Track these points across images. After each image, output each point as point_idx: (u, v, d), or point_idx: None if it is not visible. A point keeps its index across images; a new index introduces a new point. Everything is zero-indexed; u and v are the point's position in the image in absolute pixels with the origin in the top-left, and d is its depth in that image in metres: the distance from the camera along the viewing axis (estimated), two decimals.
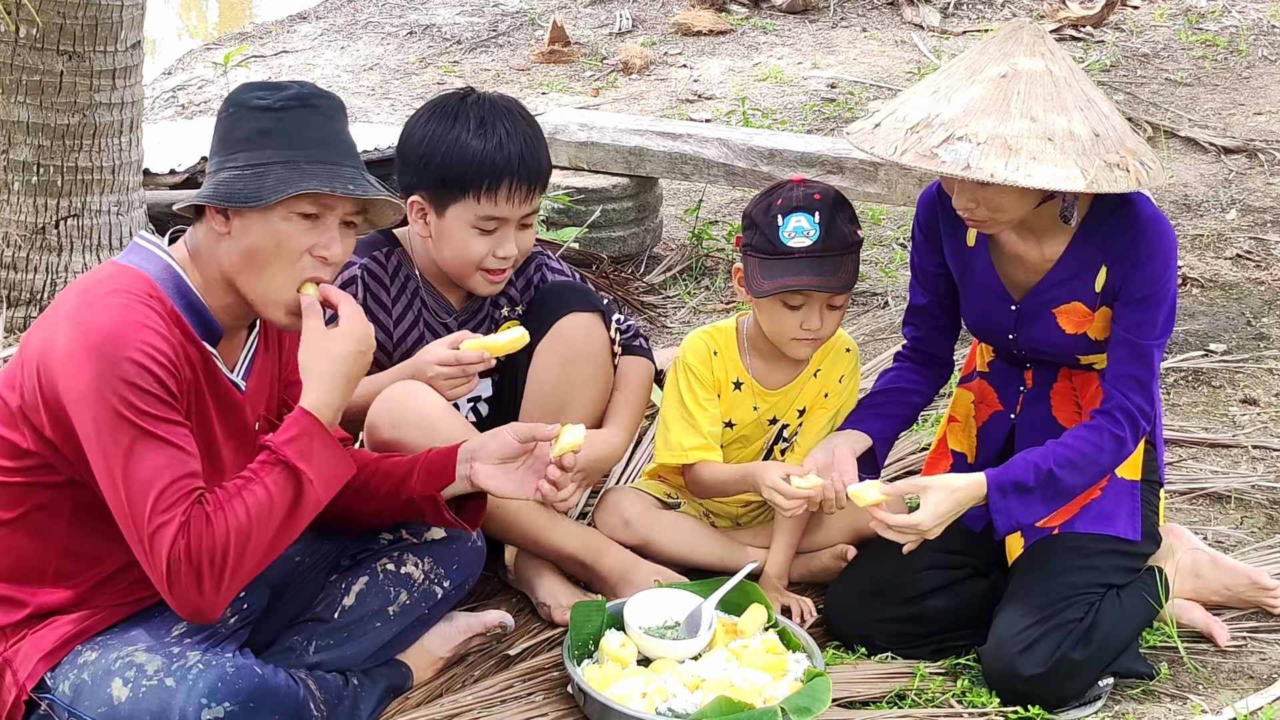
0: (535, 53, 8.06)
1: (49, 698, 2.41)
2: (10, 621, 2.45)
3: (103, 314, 2.32)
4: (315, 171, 2.40)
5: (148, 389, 2.30)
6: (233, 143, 2.43)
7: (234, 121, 2.44)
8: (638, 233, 5.31)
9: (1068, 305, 2.95)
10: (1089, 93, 2.79)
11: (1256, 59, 7.59)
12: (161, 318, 2.37)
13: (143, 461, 2.29)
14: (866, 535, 3.23)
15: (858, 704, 2.85)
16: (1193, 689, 2.96)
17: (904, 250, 5.49)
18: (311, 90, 2.48)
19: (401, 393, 2.94)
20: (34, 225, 4.39)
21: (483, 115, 3.00)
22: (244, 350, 2.57)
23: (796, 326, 3.08)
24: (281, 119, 2.42)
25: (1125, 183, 2.71)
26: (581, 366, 3.12)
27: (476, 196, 2.97)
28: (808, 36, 8.20)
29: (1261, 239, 5.50)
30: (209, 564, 2.29)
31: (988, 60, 2.79)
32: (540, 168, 3.03)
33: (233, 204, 2.39)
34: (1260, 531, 3.60)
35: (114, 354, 2.29)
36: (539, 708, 2.77)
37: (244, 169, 2.40)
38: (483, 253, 3.01)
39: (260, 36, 8.70)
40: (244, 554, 2.32)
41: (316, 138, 2.43)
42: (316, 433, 2.40)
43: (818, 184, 3.10)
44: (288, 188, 2.37)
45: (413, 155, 3.03)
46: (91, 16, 4.22)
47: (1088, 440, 2.88)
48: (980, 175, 2.66)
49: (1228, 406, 4.27)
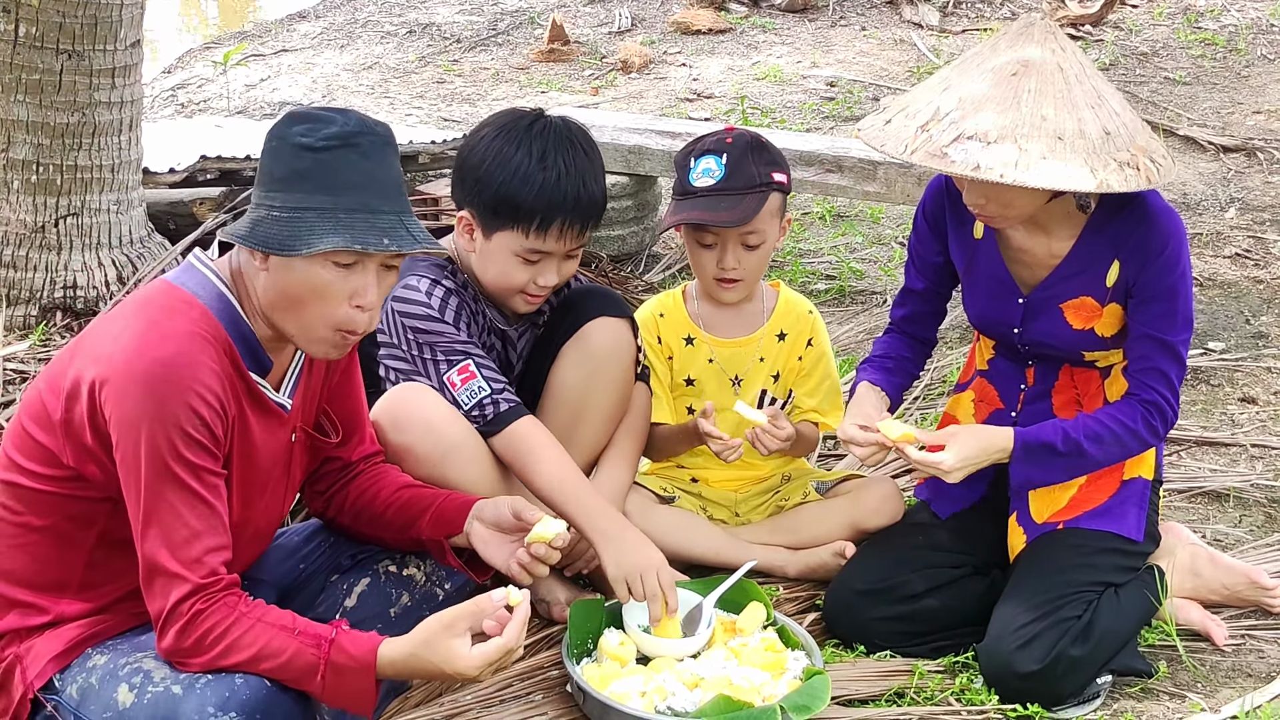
0: (534, 51, 8.06)
1: (55, 699, 2.40)
2: (27, 626, 2.45)
3: (161, 345, 2.30)
4: (350, 223, 2.33)
5: (196, 436, 2.29)
6: (271, 181, 2.36)
7: (274, 156, 2.36)
8: (637, 231, 5.32)
9: (1076, 300, 2.95)
10: (1100, 89, 2.78)
11: (1255, 58, 7.59)
12: (216, 353, 2.35)
13: (176, 511, 2.29)
14: (866, 532, 3.25)
15: (857, 702, 2.85)
16: (1191, 687, 2.96)
17: (903, 249, 5.50)
18: (356, 125, 2.37)
19: (405, 395, 2.94)
20: (33, 224, 4.40)
21: (545, 147, 2.93)
22: (290, 369, 2.55)
23: (714, 265, 3.18)
24: (320, 160, 2.34)
25: (1136, 181, 2.71)
26: (605, 370, 3.11)
27: (526, 232, 2.93)
28: (807, 35, 8.20)
29: (1260, 238, 5.50)
30: (204, 641, 2.30)
31: (999, 56, 2.78)
32: (594, 206, 2.97)
33: (269, 249, 2.34)
34: (1258, 530, 3.60)
35: (168, 393, 2.27)
36: (538, 707, 2.77)
37: (280, 212, 2.34)
38: (524, 281, 2.98)
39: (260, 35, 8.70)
40: (235, 661, 2.32)
41: (355, 181, 2.35)
42: (365, 672, 2.35)
43: (743, 131, 3.22)
44: (320, 242, 2.31)
45: (470, 173, 2.98)
46: (91, 15, 4.22)
47: (1119, 421, 2.92)
48: (990, 176, 2.66)
49: (1226, 405, 4.27)
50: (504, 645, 2.38)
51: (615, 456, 3.17)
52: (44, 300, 4.43)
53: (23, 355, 4.20)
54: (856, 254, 5.41)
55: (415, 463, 2.89)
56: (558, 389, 3.11)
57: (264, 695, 2.34)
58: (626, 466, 3.19)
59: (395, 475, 2.78)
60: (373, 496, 2.73)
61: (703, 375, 3.31)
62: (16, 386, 4.03)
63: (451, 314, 2.99)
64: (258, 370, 2.45)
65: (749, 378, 3.32)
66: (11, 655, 2.44)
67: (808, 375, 3.35)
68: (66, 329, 4.38)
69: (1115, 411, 2.93)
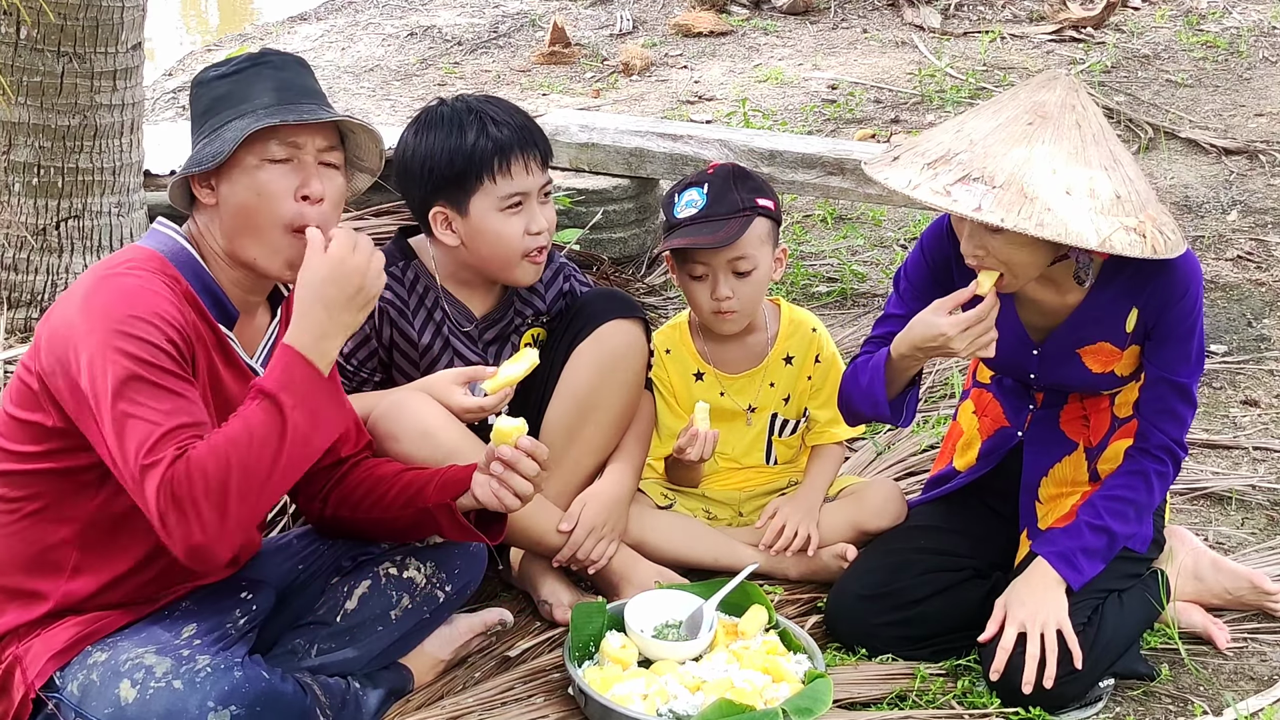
0: (536, 54, 8.05)
1: (57, 697, 2.41)
2: (28, 619, 2.45)
3: (115, 286, 2.35)
4: (271, 113, 2.42)
5: (155, 343, 2.30)
6: (198, 119, 2.49)
7: (195, 100, 2.51)
8: (638, 234, 5.31)
9: (1094, 346, 2.92)
10: (1117, 154, 2.70)
11: (1257, 60, 7.58)
12: (176, 295, 2.39)
13: (141, 404, 2.27)
14: (869, 533, 3.24)
15: (859, 705, 2.85)
16: (1194, 690, 2.96)
17: (904, 251, 5.49)
18: (266, 52, 2.53)
19: (400, 403, 2.93)
20: (34, 226, 4.39)
21: (466, 109, 3.05)
22: (265, 336, 2.58)
23: (708, 298, 3.18)
24: (236, 81, 2.47)
25: (1139, 249, 2.62)
26: (618, 373, 3.11)
27: (493, 178, 2.99)
28: (808, 38, 8.19)
29: (1262, 240, 5.50)
30: (194, 496, 2.23)
31: (1018, 105, 2.71)
32: (540, 136, 3.07)
33: (202, 167, 2.42)
34: (1261, 533, 3.60)
35: (122, 313, 2.31)
36: (540, 709, 2.77)
37: (208, 135, 2.45)
38: (518, 233, 3.02)
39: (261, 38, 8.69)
40: (229, 483, 2.25)
41: (270, 88, 2.46)
42: (296, 363, 2.34)
43: (726, 164, 3.27)
44: (243, 134, 2.39)
45: (416, 169, 3.03)
46: (92, 18, 4.21)
47: (1133, 487, 2.90)
48: (991, 219, 2.58)
49: (1229, 408, 4.27)
50: None
51: (621, 461, 3.17)
52: (45, 303, 4.42)
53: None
54: (858, 256, 5.41)
55: None
56: (569, 388, 3.11)
57: (263, 688, 2.36)
58: (631, 472, 3.18)
59: (391, 463, 2.78)
60: (374, 481, 2.72)
61: (715, 408, 3.26)
62: None
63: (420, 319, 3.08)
64: (223, 319, 2.47)
65: (761, 405, 3.32)
66: (11, 656, 2.44)
67: (819, 390, 3.34)
68: None
69: (1126, 479, 2.91)
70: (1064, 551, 2.87)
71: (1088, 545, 2.87)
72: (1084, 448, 3.04)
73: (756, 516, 3.34)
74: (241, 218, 2.44)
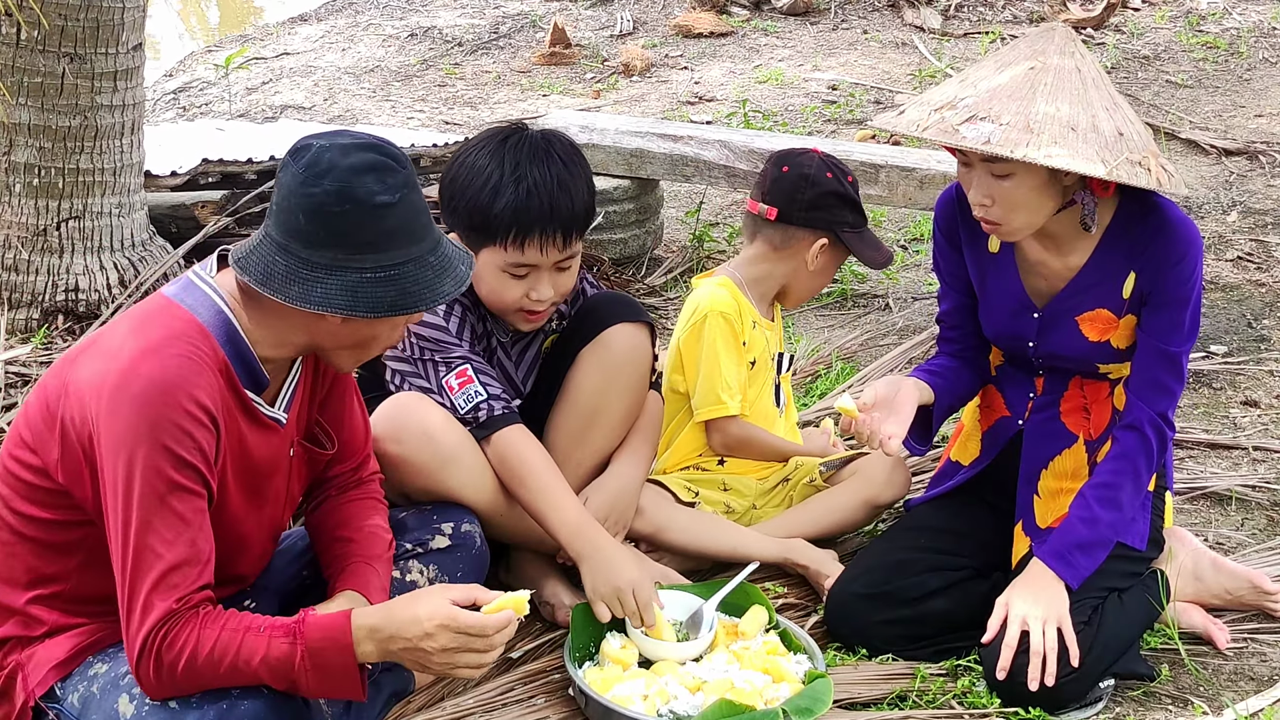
0: (536, 55, 8.06)
1: (57, 708, 2.40)
2: (28, 635, 2.45)
3: (156, 365, 2.28)
4: (435, 270, 2.36)
5: (186, 457, 2.27)
6: (355, 245, 2.31)
7: (354, 220, 2.31)
8: (639, 234, 5.31)
9: (1092, 312, 2.94)
10: (1115, 98, 2.81)
11: (1257, 61, 7.58)
12: (212, 373, 2.32)
13: (158, 533, 2.26)
14: (881, 506, 3.32)
15: (859, 705, 2.85)
16: (1194, 690, 2.96)
17: (905, 252, 5.50)
18: (392, 154, 2.35)
19: (403, 404, 2.93)
20: (35, 227, 4.40)
21: (519, 159, 2.90)
22: (286, 385, 2.53)
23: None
24: (398, 213, 2.33)
25: (1145, 180, 2.72)
26: (622, 377, 3.11)
27: (504, 245, 2.90)
28: (808, 39, 8.20)
29: (1262, 241, 5.50)
30: (174, 666, 2.26)
31: (1018, 55, 2.82)
32: (574, 214, 2.92)
33: (377, 314, 2.33)
34: (1261, 533, 3.60)
35: (158, 414, 2.25)
36: (540, 710, 2.77)
37: (377, 273, 2.32)
38: (517, 296, 2.96)
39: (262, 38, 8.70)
40: (208, 678, 2.29)
41: (422, 223, 2.36)
42: (342, 652, 2.31)
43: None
44: (428, 295, 2.34)
45: (446, 193, 2.97)
46: (93, 18, 4.22)
47: (1119, 472, 2.90)
48: (1001, 150, 2.67)
49: (1228, 408, 4.27)
50: (479, 623, 2.33)
51: (628, 454, 3.17)
52: (46, 303, 4.43)
53: (24, 359, 4.19)
54: None
55: (414, 473, 2.89)
56: (574, 392, 3.10)
57: (263, 707, 2.33)
58: (639, 463, 3.18)
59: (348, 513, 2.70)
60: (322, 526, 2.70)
61: (761, 357, 3.37)
62: (19, 390, 4.03)
63: (455, 322, 2.99)
64: (254, 388, 2.42)
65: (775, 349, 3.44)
66: (13, 663, 2.44)
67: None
68: (68, 332, 4.38)
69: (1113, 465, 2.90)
70: (1059, 550, 2.88)
71: (1081, 539, 2.88)
72: (1084, 440, 3.05)
73: (767, 511, 3.39)
74: (358, 343, 2.42)
